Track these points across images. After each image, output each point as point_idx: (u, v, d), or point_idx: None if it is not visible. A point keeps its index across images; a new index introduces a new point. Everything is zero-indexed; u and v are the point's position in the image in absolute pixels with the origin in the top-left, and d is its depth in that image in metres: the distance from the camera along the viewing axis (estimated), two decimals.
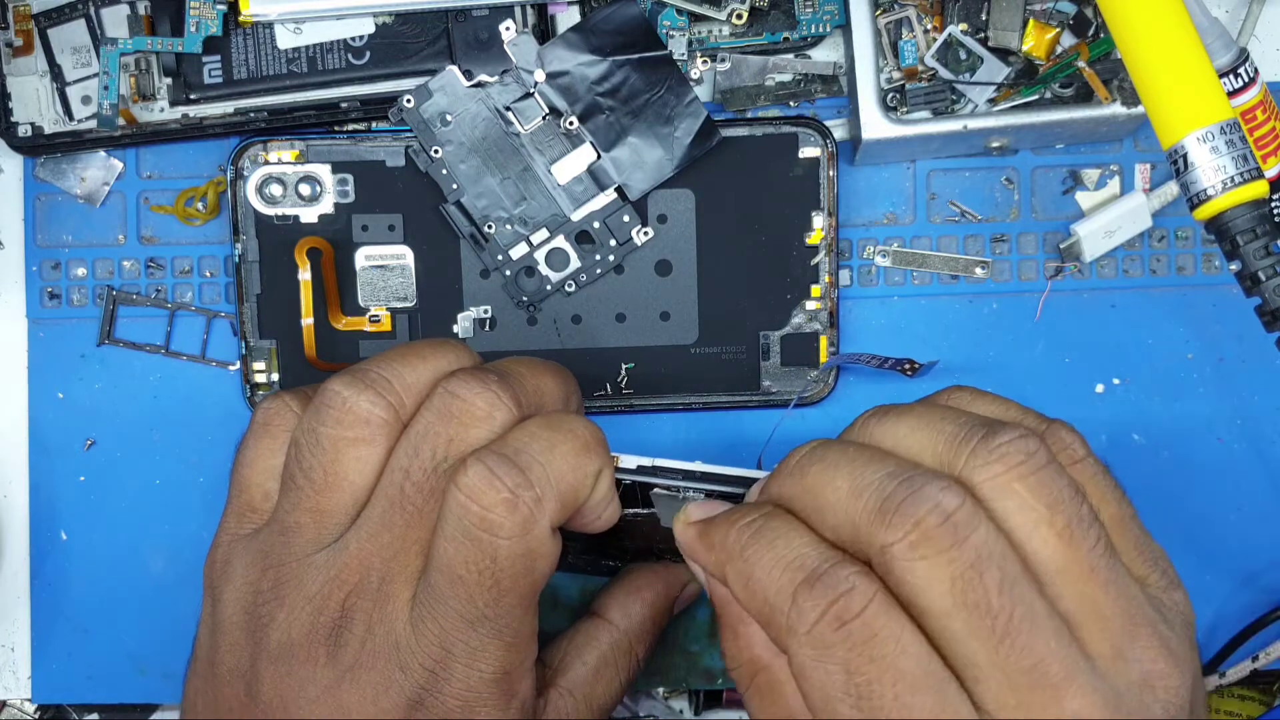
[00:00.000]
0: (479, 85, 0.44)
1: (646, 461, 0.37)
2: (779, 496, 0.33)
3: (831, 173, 0.45)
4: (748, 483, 0.37)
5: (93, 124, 0.45)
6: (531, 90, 0.44)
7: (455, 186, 0.44)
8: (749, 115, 0.46)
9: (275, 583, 0.35)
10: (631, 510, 0.38)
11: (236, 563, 0.36)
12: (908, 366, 0.44)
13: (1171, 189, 0.46)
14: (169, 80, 0.45)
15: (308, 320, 0.45)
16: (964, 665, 0.30)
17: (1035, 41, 0.44)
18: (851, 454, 0.32)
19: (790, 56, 0.46)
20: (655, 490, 0.37)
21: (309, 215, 0.45)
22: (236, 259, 0.45)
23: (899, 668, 0.29)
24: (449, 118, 0.44)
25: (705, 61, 0.45)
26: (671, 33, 0.45)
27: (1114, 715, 0.29)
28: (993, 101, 0.45)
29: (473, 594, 0.33)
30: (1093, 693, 0.29)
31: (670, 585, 0.42)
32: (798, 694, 0.32)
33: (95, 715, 0.47)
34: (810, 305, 0.45)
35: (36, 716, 0.47)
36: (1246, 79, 0.41)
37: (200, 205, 0.46)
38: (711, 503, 0.36)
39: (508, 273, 0.45)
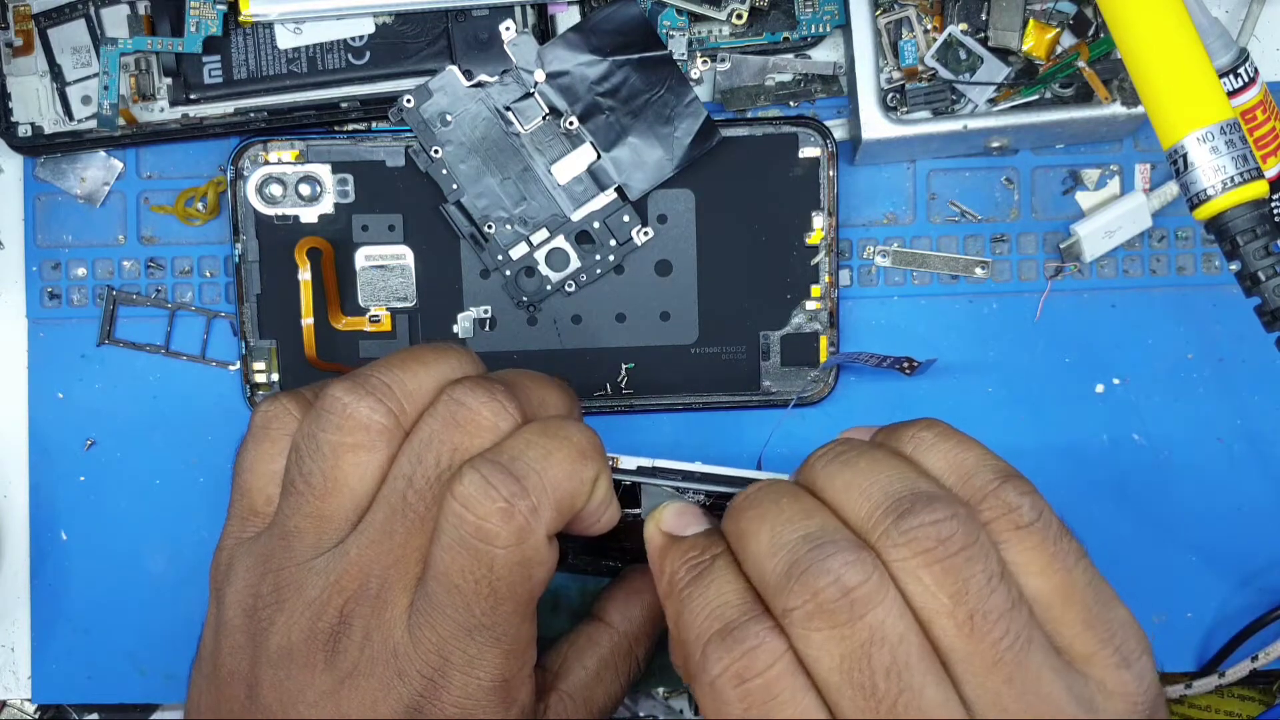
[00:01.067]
0: (479, 85, 0.44)
1: (646, 462, 0.37)
2: (726, 533, 0.33)
3: (831, 173, 0.45)
4: (746, 484, 0.37)
5: (93, 124, 0.45)
6: (531, 90, 0.44)
7: (455, 186, 0.44)
8: (749, 115, 0.46)
9: (275, 587, 0.35)
10: (632, 511, 0.38)
11: (238, 566, 0.36)
12: (906, 365, 0.44)
13: (1171, 189, 0.46)
14: (169, 80, 0.45)
15: (308, 320, 0.45)
16: None
17: (1035, 41, 0.44)
18: (781, 506, 0.32)
19: (790, 56, 0.46)
20: (645, 484, 0.37)
21: (309, 215, 0.45)
22: (236, 259, 0.45)
23: None
24: (449, 118, 0.44)
25: (705, 61, 0.45)
26: (671, 33, 0.45)
27: None
28: (993, 101, 0.45)
29: (470, 603, 0.33)
30: None
31: None
32: None
33: (95, 715, 0.47)
34: (810, 305, 0.45)
35: (36, 716, 0.47)
36: (1246, 79, 0.41)
37: (200, 205, 0.46)
38: (689, 510, 0.36)
39: (508, 273, 0.45)
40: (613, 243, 0.45)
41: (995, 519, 0.31)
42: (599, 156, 0.44)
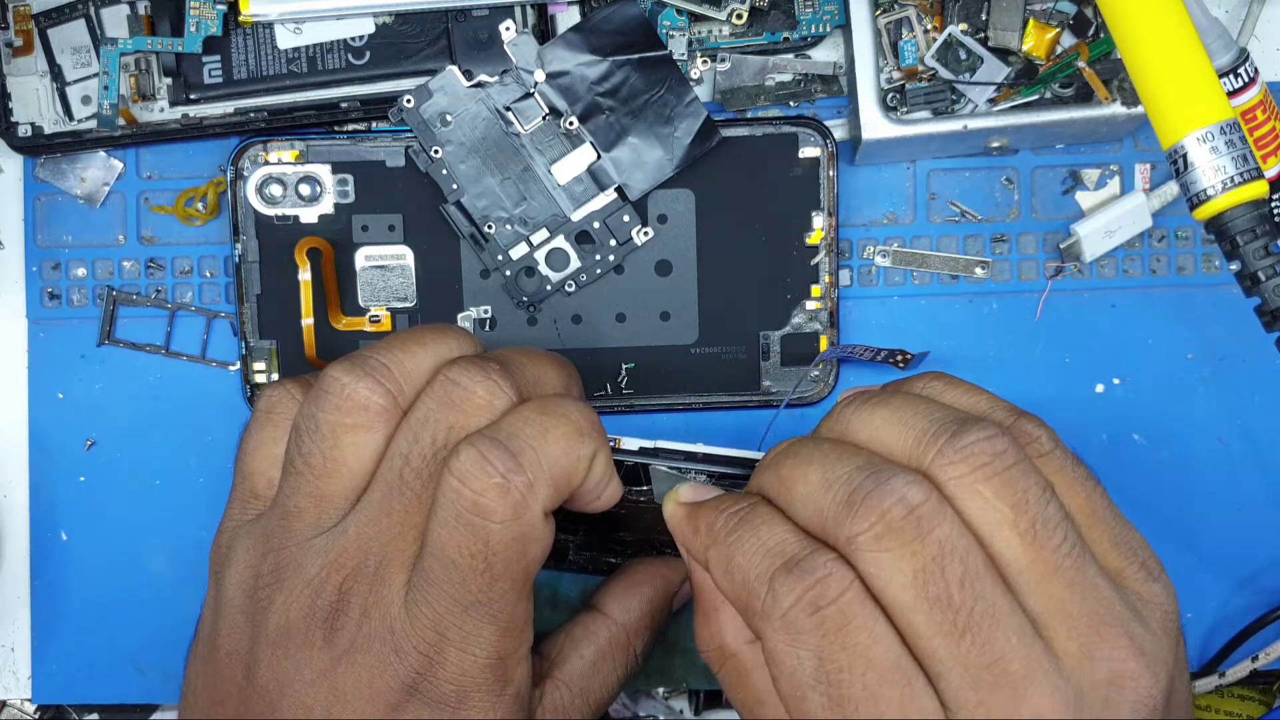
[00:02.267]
0: (479, 85, 0.44)
1: (648, 443, 0.37)
2: (760, 489, 0.34)
3: (831, 173, 0.45)
4: (748, 464, 0.37)
5: (93, 124, 0.45)
6: (531, 90, 0.44)
7: (455, 187, 0.44)
8: (749, 115, 0.46)
9: (275, 566, 0.35)
10: (636, 489, 0.38)
11: (239, 547, 0.36)
12: (900, 358, 0.44)
13: (1171, 189, 0.46)
14: (169, 80, 0.45)
15: (308, 320, 0.45)
16: (929, 660, 0.30)
17: (1035, 41, 0.44)
18: (825, 449, 0.32)
19: (790, 56, 0.46)
20: (654, 466, 0.37)
21: (309, 215, 0.45)
22: (236, 259, 0.45)
23: (870, 657, 0.30)
24: (449, 118, 0.44)
25: (705, 61, 0.45)
26: (671, 33, 0.45)
27: (1075, 715, 0.29)
28: (993, 101, 0.45)
29: (466, 579, 0.33)
30: (1054, 692, 0.29)
31: (669, 580, 0.42)
32: (767, 680, 0.32)
33: (95, 715, 0.47)
34: (810, 305, 0.45)
35: (36, 716, 0.47)
36: (1246, 79, 0.41)
37: (200, 205, 0.46)
38: (704, 487, 0.36)
39: (508, 273, 0.45)
40: (613, 243, 0.45)
41: (1024, 445, 0.32)
42: (599, 156, 0.44)
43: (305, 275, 0.45)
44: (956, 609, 0.29)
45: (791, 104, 0.46)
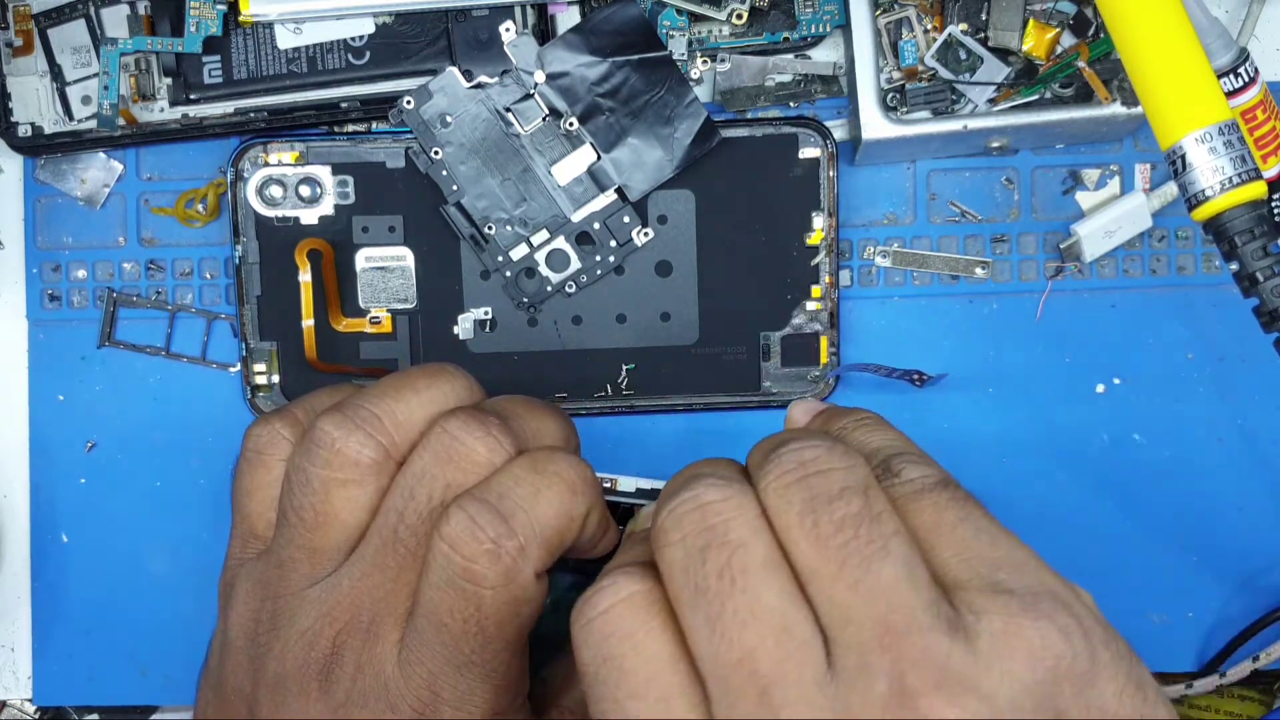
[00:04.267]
0: (479, 86, 0.44)
1: (645, 484, 0.37)
2: None
3: (831, 173, 0.45)
4: None
5: (93, 124, 0.45)
6: (531, 91, 0.44)
7: (455, 188, 0.44)
8: (749, 116, 0.46)
9: (272, 614, 0.35)
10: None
11: (240, 588, 0.36)
12: (916, 378, 0.44)
13: (1171, 189, 0.46)
14: (169, 80, 0.45)
15: (308, 322, 0.45)
16: (694, 657, 0.28)
17: (1035, 41, 0.44)
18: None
19: (790, 57, 0.46)
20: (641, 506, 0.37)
21: (309, 217, 0.45)
22: (237, 261, 0.45)
23: (645, 655, 0.28)
24: (449, 119, 0.44)
25: (705, 61, 0.45)
26: (671, 33, 0.45)
27: None
28: (993, 101, 0.45)
29: (459, 641, 0.33)
30: (802, 701, 0.26)
31: None
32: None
33: (95, 716, 0.47)
34: (811, 306, 0.45)
35: (36, 717, 0.47)
36: (1247, 79, 0.41)
37: (200, 207, 0.46)
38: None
39: (508, 274, 0.45)
40: (613, 243, 0.45)
41: (879, 475, 0.30)
42: (599, 157, 0.44)
43: (305, 276, 0.45)
44: (710, 599, 0.28)
45: (791, 104, 0.46)
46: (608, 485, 0.37)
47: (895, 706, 0.26)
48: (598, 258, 0.45)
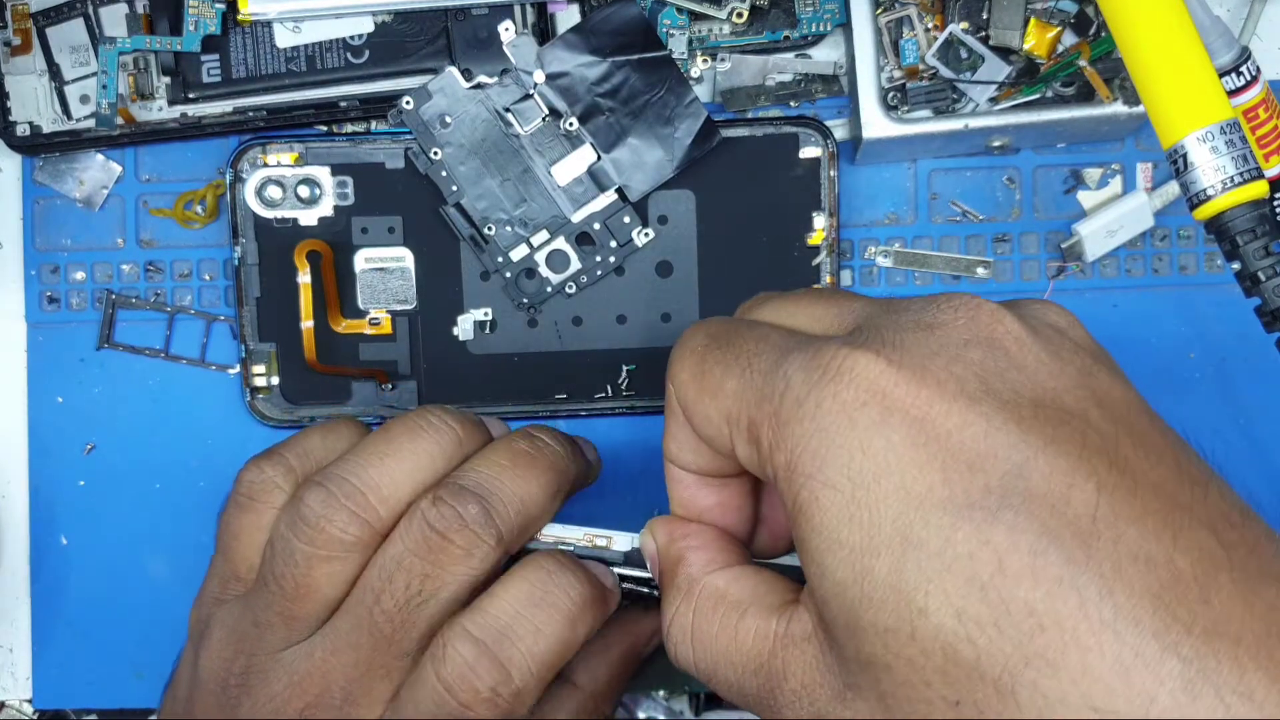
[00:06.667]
0: (479, 86, 0.44)
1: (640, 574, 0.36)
2: None
3: (832, 173, 0.45)
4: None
5: (91, 123, 0.44)
6: (531, 91, 0.44)
7: (455, 188, 0.44)
8: (749, 115, 0.45)
9: (244, 670, 0.35)
10: (629, 586, 0.37)
11: (215, 631, 0.36)
12: None
13: (1173, 188, 0.46)
14: (167, 79, 0.45)
15: (307, 323, 0.45)
16: None
17: (1036, 40, 0.44)
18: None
19: (790, 56, 0.45)
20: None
21: (308, 218, 0.45)
22: (236, 262, 0.45)
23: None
24: (448, 119, 0.44)
25: (705, 61, 0.45)
26: (671, 31, 0.45)
27: None
28: (994, 100, 0.45)
29: None
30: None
31: (637, 637, 0.41)
32: None
33: (94, 718, 0.47)
34: None
35: (35, 718, 0.47)
36: (1248, 78, 0.41)
37: (199, 208, 0.46)
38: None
39: (508, 274, 0.45)
40: (613, 244, 0.45)
41: None
42: (599, 158, 0.44)
43: (305, 278, 0.44)
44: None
45: (792, 104, 0.46)
46: (604, 542, 0.36)
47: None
48: (598, 258, 0.45)
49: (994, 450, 0.26)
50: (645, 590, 0.36)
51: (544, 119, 0.44)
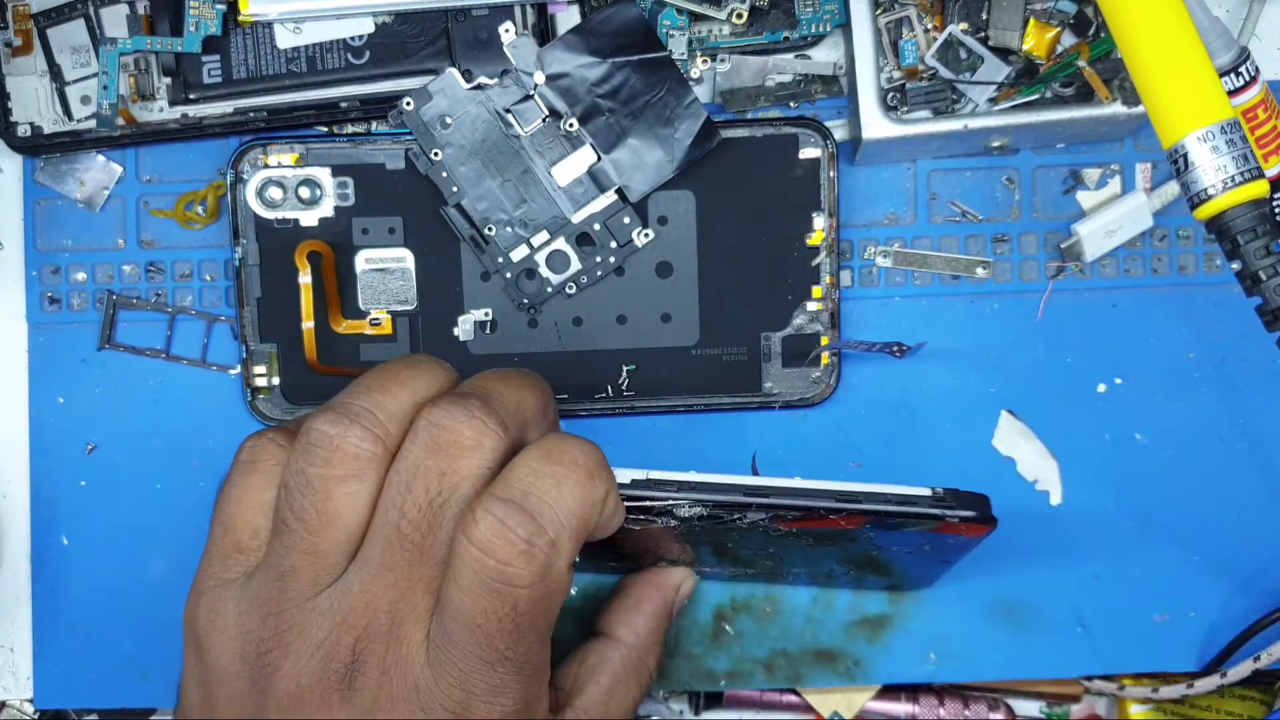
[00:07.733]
0: (479, 87, 0.44)
1: (640, 474, 0.37)
2: None
3: (832, 173, 0.45)
4: (742, 490, 0.37)
5: (92, 124, 0.45)
6: (531, 92, 0.44)
7: (455, 189, 0.44)
8: (749, 116, 0.45)
9: (277, 630, 0.34)
10: (631, 516, 0.37)
11: (228, 611, 0.35)
12: (896, 349, 0.44)
13: (1173, 188, 0.46)
14: (168, 80, 0.45)
15: (308, 324, 0.45)
16: None
17: (1036, 41, 0.44)
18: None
19: (790, 57, 0.46)
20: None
21: (309, 218, 0.45)
22: (236, 263, 0.45)
23: None
24: (449, 120, 0.44)
25: (705, 61, 0.45)
26: (671, 32, 0.45)
27: None
28: (993, 101, 0.45)
29: (493, 639, 0.33)
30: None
31: (665, 591, 0.43)
32: None
33: (94, 718, 0.47)
34: (811, 306, 0.45)
35: (36, 718, 0.47)
36: (1247, 78, 0.41)
37: (200, 209, 0.46)
38: None
39: (508, 275, 0.45)
40: (613, 244, 0.45)
41: None
42: (599, 158, 0.44)
43: (305, 278, 0.44)
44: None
45: (791, 104, 0.46)
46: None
47: None
48: (598, 259, 0.45)
49: None
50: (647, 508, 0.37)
51: (544, 120, 0.44)
